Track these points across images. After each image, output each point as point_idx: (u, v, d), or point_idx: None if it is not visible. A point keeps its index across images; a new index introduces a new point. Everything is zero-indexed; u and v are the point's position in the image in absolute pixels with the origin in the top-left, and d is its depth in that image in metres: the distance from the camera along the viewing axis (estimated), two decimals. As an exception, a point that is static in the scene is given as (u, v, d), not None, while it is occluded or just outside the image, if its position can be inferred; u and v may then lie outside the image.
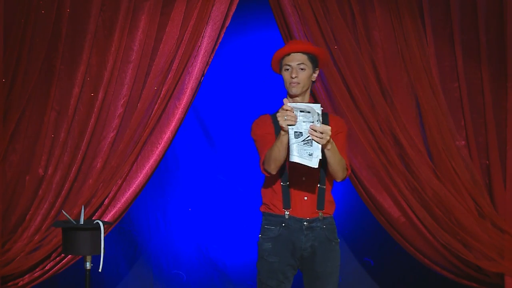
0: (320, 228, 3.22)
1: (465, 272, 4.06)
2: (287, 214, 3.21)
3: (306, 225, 3.20)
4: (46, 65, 3.85)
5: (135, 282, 4.76)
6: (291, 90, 3.23)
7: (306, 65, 3.21)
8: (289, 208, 3.21)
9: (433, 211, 3.99)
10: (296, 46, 3.24)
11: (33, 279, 3.87)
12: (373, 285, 4.84)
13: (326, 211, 3.25)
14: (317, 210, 3.22)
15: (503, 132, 4.06)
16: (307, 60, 3.21)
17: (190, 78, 3.97)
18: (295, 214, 3.21)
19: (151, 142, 3.97)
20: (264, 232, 3.27)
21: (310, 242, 3.21)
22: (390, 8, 4.04)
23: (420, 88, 4.03)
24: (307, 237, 3.20)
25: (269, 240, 3.24)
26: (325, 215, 3.24)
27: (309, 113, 2.96)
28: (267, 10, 4.15)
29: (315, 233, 3.21)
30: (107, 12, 3.90)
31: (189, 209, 4.90)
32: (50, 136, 3.86)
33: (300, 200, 3.21)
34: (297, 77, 3.20)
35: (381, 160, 3.99)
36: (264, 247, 3.25)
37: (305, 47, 3.25)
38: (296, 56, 3.21)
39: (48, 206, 3.85)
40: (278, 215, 3.23)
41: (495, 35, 4.07)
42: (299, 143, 2.98)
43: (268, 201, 3.27)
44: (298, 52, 3.21)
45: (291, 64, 3.21)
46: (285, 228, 3.21)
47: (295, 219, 3.20)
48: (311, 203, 3.21)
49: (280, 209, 3.22)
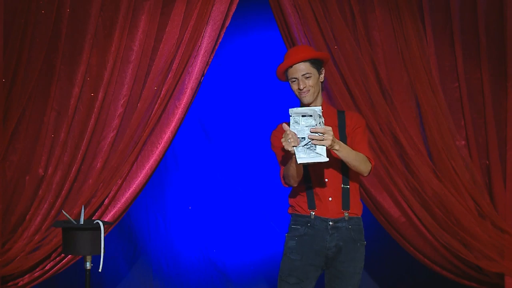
0: (345, 228, 3.23)
1: (465, 272, 4.06)
2: (312, 214, 3.22)
3: (331, 225, 3.21)
4: (46, 65, 3.85)
5: (135, 282, 4.77)
6: (303, 100, 3.24)
7: (311, 73, 3.20)
8: (314, 209, 3.22)
9: (433, 211, 3.99)
10: (296, 57, 3.21)
11: (33, 279, 3.87)
12: (373, 285, 4.85)
13: (352, 211, 3.25)
14: (342, 211, 3.23)
15: (503, 132, 4.06)
16: (310, 67, 3.20)
17: (190, 78, 3.97)
18: (321, 214, 3.22)
19: (151, 142, 3.96)
20: (291, 231, 3.29)
21: (335, 242, 3.22)
22: (390, 8, 4.04)
23: (420, 88, 4.03)
24: (332, 236, 3.21)
25: (293, 238, 3.26)
26: (351, 215, 3.25)
27: (310, 117, 2.97)
28: (267, 10, 4.15)
29: (340, 233, 3.22)
30: (107, 12, 3.90)
31: (189, 207, 4.90)
32: (50, 136, 3.86)
33: (325, 201, 3.22)
34: (305, 87, 3.20)
35: (381, 160, 3.99)
36: (289, 244, 3.27)
37: (305, 55, 3.22)
38: (299, 67, 3.20)
39: (48, 206, 3.85)
40: (304, 215, 3.25)
41: (495, 35, 4.07)
42: (303, 147, 2.99)
43: (294, 203, 3.30)
44: (300, 62, 3.21)
45: (296, 76, 3.20)
46: (311, 227, 3.22)
47: (321, 219, 3.22)
48: (336, 203, 3.22)
49: (305, 210, 3.24)
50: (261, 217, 4.88)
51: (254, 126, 4.87)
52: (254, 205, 4.87)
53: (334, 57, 3.99)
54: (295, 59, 3.20)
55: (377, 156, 3.99)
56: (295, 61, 3.20)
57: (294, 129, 3.00)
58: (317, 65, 3.23)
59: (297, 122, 3.00)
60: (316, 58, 3.23)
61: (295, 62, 3.20)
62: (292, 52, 3.27)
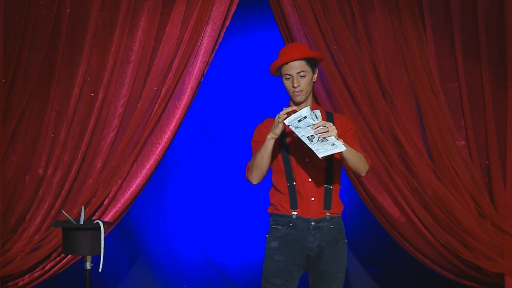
0: (327, 228, 3.23)
1: (465, 272, 4.06)
2: (294, 214, 3.22)
3: (313, 225, 3.21)
4: (46, 65, 3.85)
5: (135, 282, 4.76)
6: (295, 99, 3.25)
7: (306, 71, 3.21)
8: (296, 208, 3.22)
9: (433, 211, 3.99)
10: (293, 55, 3.21)
11: (33, 279, 3.87)
12: (373, 285, 4.84)
13: (333, 211, 3.25)
14: (324, 210, 3.23)
15: (503, 132, 4.06)
16: (305, 65, 3.21)
17: (190, 78, 3.97)
18: (302, 214, 3.22)
19: (151, 142, 3.97)
20: (272, 232, 3.28)
21: (317, 242, 3.22)
22: (390, 8, 4.04)
23: (420, 88, 4.03)
24: (314, 236, 3.21)
25: (276, 239, 3.25)
26: (332, 215, 3.25)
27: (306, 118, 3.03)
28: (267, 10, 4.15)
29: (322, 233, 3.22)
30: (107, 12, 3.90)
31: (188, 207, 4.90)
32: (50, 136, 3.86)
33: (307, 201, 3.22)
34: (300, 85, 3.20)
35: (381, 160, 3.99)
36: (271, 245, 3.25)
37: (302, 53, 3.23)
38: (295, 64, 3.20)
39: (48, 206, 3.85)
40: (285, 215, 3.24)
41: (495, 35, 4.07)
42: (317, 142, 3.02)
43: (275, 202, 3.29)
44: (296, 60, 3.21)
45: (291, 73, 3.21)
46: (293, 228, 3.22)
47: (303, 219, 3.22)
48: (318, 203, 3.23)
49: (287, 210, 3.23)
50: (261, 217, 4.87)
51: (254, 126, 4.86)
52: (254, 205, 4.86)
53: (334, 57, 3.99)
54: (292, 56, 3.20)
55: (377, 156, 4.00)
56: (292, 58, 3.20)
57: (299, 132, 3.04)
58: (312, 64, 3.24)
59: (298, 127, 3.04)
60: (312, 57, 3.24)
61: (292, 59, 3.20)
62: (289, 49, 3.27)
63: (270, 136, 3.12)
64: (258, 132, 3.34)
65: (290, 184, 3.23)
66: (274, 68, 3.28)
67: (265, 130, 3.26)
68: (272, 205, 3.32)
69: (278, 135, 3.12)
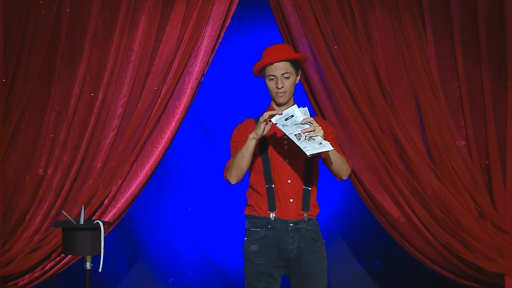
0: (305, 229, 3.23)
1: (465, 272, 4.06)
2: (272, 216, 3.21)
3: (292, 227, 3.21)
4: (46, 65, 3.85)
5: (135, 282, 4.76)
6: (278, 100, 3.26)
7: (289, 73, 3.22)
8: (275, 210, 3.21)
9: (433, 211, 3.99)
10: (277, 56, 3.22)
11: (33, 279, 3.87)
12: (373, 285, 4.85)
13: (310, 213, 3.26)
14: (302, 212, 3.23)
15: (503, 132, 4.06)
16: (290, 67, 3.22)
17: (190, 78, 3.97)
18: (281, 215, 3.21)
19: (151, 142, 3.96)
20: (250, 235, 3.26)
21: (296, 244, 3.21)
22: (390, 8, 4.04)
23: (420, 88, 4.03)
24: (293, 238, 3.20)
25: (255, 242, 3.23)
26: (310, 217, 3.25)
27: (293, 117, 3.05)
28: (267, 10, 4.15)
29: (300, 234, 3.22)
30: (107, 12, 3.90)
31: (189, 209, 4.90)
32: (50, 136, 3.86)
33: (286, 202, 3.21)
34: (283, 87, 3.21)
35: (381, 160, 3.99)
36: (251, 249, 3.24)
37: (287, 55, 3.23)
38: (279, 65, 3.21)
39: (48, 206, 3.85)
40: (263, 217, 3.23)
41: (495, 35, 4.07)
42: (304, 141, 3.02)
43: (253, 203, 3.27)
44: (281, 61, 3.21)
45: (275, 74, 3.21)
46: (271, 229, 3.21)
47: (281, 220, 3.21)
48: (296, 204, 3.22)
49: (265, 211, 3.23)
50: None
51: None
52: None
53: (334, 57, 3.99)
54: (276, 57, 3.21)
55: (377, 156, 4.00)
56: (276, 59, 3.21)
57: (287, 130, 3.05)
58: (296, 65, 3.24)
59: (285, 125, 3.06)
60: (295, 59, 3.24)
61: (276, 60, 3.21)
62: (273, 50, 3.27)
63: (252, 135, 3.12)
64: (237, 132, 3.34)
65: (268, 186, 3.23)
66: (257, 68, 3.29)
67: (244, 130, 3.28)
68: (249, 206, 3.31)
69: (260, 136, 3.12)
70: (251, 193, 3.31)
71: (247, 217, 3.31)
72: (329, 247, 4.85)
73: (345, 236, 4.87)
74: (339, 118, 4.03)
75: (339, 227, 4.90)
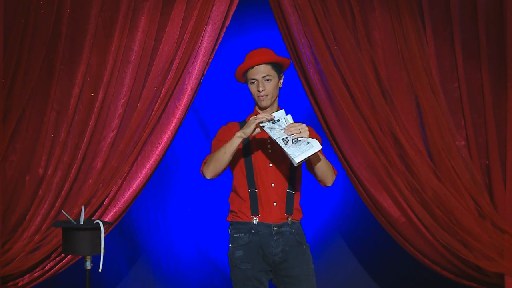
0: (289, 232, 3.24)
1: (465, 272, 4.06)
2: (255, 220, 3.21)
3: (275, 230, 3.21)
4: (46, 65, 3.85)
5: (135, 282, 4.77)
6: (261, 103, 3.27)
7: (271, 75, 3.22)
8: (258, 214, 3.21)
9: (433, 211, 3.99)
10: (258, 59, 3.21)
11: (33, 279, 3.87)
12: (373, 285, 4.85)
13: (294, 217, 3.26)
14: (285, 215, 3.23)
15: (503, 132, 4.06)
16: (271, 70, 3.22)
17: (190, 78, 3.97)
18: (264, 219, 3.22)
19: (151, 142, 3.97)
20: (234, 241, 3.27)
21: (280, 247, 3.21)
22: (390, 8, 4.04)
23: (420, 88, 4.03)
24: (277, 242, 3.21)
25: (239, 248, 3.23)
26: (293, 220, 3.25)
27: (279, 121, 3.07)
28: (267, 10, 4.15)
29: (285, 238, 3.22)
30: (107, 12, 3.90)
31: (189, 209, 4.90)
32: (50, 136, 3.86)
33: (269, 206, 3.22)
34: (265, 90, 3.21)
35: (381, 160, 3.99)
36: (236, 255, 3.24)
37: (267, 58, 3.23)
38: (260, 68, 3.21)
39: (48, 206, 3.85)
40: (246, 222, 3.24)
41: (495, 35, 4.07)
42: (292, 145, 3.03)
43: (236, 209, 3.28)
44: (261, 64, 3.20)
45: (256, 78, 3.22)
46: (255, 234, 3.21)
47: (264, 224, 3.21)
48: (279, 208, 3.23)
49: (248, 216, 3.23)
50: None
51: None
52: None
53: (334, 57, 3.99)
54: (257, 61, 3.21)
55: (377, 156, 3.99)
56: (257, 62, 3.21)
57: (274, 135, 3.06)
58: (277, 69, 3.25)
59: (272, 128, 3.07)
60: (277, 62, 3.24)
61: (257, 63, 3.21)
62: (254, 54, 3.28)
63: (239, 134, 3.11)
64: (222, 131, 3.35)
65: (251, 190, 3.23)
66: (239, 73, 3.30)
67: (228, 130, 3.30)
68: (231, 212, 3.31)
69: (247, 135, 3.12)
70: (233, 198, 3.32)
71: (230, 223, 3.32)
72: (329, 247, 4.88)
73: (345, 236, 4.87)
74: (339, 118, 4.03)
75: (339, 227, 4.90)
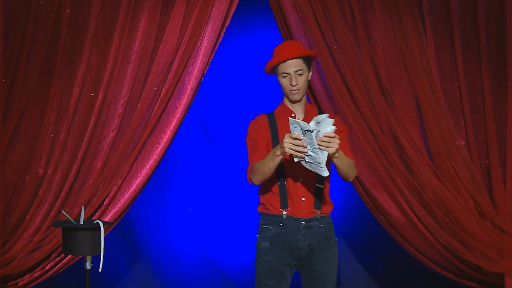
0: (317, 227, 3.23)
1: (465, 272, 4.06)
2: (284, 214, 3.22)
3: (303, 225, 3.21)
4: (46, 65, 3.85)
5: (135, 282, 4.77)
6: (292, 97, 3.26)
7: (303, 69, 3.22)
8: (287, 208, 3.22)
9: (433, 211, 3.99)
10: (291, 53, 3.21)
11: (33, 279, 3.87)
12: (373, 285, 4.85)
13: (323, 210, 3.26)
14: (314, 210, 3.23)
15: (503, 132, 4.06)
16: (302, 63, 3.22)
17: (190, 78, 3.97)
18: (293, 213, 3.22)
19: (151, 142, 3.97)
20: (262, 232, 3.28)
21: (307, 241, 3.22)
22: (390, 8, 4.04)
23: (420, 88, 4.03)
24: (304, 236, 3.21)
25: (266, 239, 3.25)
26: (322, 214, 3.25)
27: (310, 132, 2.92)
28: (267, 10, 4.15)
29: (312, 232, 3.22)
30: (107, 12, 3.90)
31: (189, 209, 4.90)
32: (50, 136, 3.86)
33: (298, 200, 3.22)
34: (298, 84, 3.21)
35: (381, 160, 3.99)
36: (262, 246, 3.26)
37: (300, 52, 3.23)
38: (292, 62, 3.21)
39: (48, 206, 3.85)
40: (275, 214, 3.24)
41: (495, 35, 4.07)
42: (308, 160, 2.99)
43: (265, 201, 3.29)
44: (294, 58, 3.21)
45: (289, 72, 3.21)
46: (283, 227, 3.22)
47: (293, 218, 3.22)
48: (308, 202, 3.23)
49: (277, 209, 3.24)
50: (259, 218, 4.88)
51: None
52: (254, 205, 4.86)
53: (334, 57, 3.99)
54: (290, 55, 3.21)
55: (377, 156, 4.00)
56: (290, 56, 3.21)
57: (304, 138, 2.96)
58: (308, 62, 3.25)
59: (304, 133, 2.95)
60: (308, 55, 3.24)
61: (290, 57, 3.20)
62: (286, 48, 3.27)
63: (279, 152, 3.04)
64: (252, 129, 3.32)
65: (281, 184, 3.23)
66: (270, 66, 3.28)
67: (259, 127, 3.27)
68: (262, 204, 3.32)
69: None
70: (263, 190, 3.32)
71: (260, 215, 3.32)
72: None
73: (345, 236, 4.87)
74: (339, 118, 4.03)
75: (339, 227, 4.89)
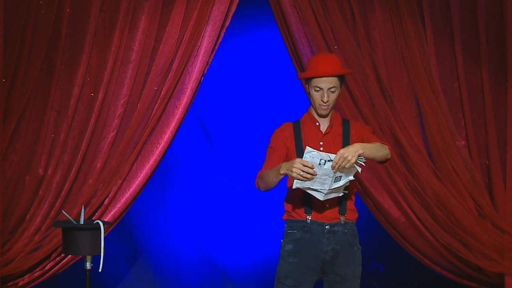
0: (341, 232, 3.23)
1: (465, 272, 4.06)
2: (308, 219, 3.22)
3: (328, 229, 3.21)
4: (46, 65, 3.85)
5: (135, 282, 4.77)
6: (321, 112, 3.24)
7: (336, 87, 3.20)
8: (311, 213, 3.22)
9: (433, 211, 3.99)
10: (329, 70, 3.17)
11: (33, 279, 3.87)
12: (373, 285, 4.85)
13: (347, 216, 3.25)
14: (338, 215, 3.23)
15: (503, 132, 4.06)
16: (337, 81, 3.20)
17: (190, 78, 3.97)
18: (317, 218, 3.22)
19: (151, 142, 3.97)
20: (287, 236, 3.28)
21: (331, 245, 3.21)
22: (390, 8, 4.04)
23: (420, 88, 4.03)
24: (328, 240, 3.21)
25: (291, 242, 3.25)
26: (347, 220, 3.25)
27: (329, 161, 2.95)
28: (267, 10, 4.15)
29: (336, 237, 3.22)
30: (107, 12, 3.90)
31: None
32: (50, 136, 3.86)
33: (322, 207, 3.22)
34: (329, 101, 3.19)
35: (381, 160, 3.99)
36: (286, 248, 3.26)
37: (337, 70, 3.20)
38: (328, 79, 3.18)
39: (48, 206, 3.85)
40: (300, 220, 3.24)
41: (495, 35, 4.07)
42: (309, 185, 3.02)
43: (290, 209, 3.29)
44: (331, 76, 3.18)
45: (322, 87, 3.19)
46: (307, 232, 3.22)
47: (317, 223, 3.22)
48: (332, 209, 3.23)
49: (301, 215, 3.24)
50: (261, 218, 4.88)
51: (254, 126, 4.87)
52: (254, 205, 4.87)
53: (334, 57, 3.99)
54: (327, 72, 3.17)
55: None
56: (327, 73, 3.17)
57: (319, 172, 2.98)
58: (342, 79, 3.24)
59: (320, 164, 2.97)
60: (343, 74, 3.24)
61: (327, 74, 3.17)
62: (324, 63, 3.22)
63: (283, 171, 3.04)
64: (274, 137, 3.30)
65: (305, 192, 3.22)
66: (304, 76, 3.27)
67: (280, 134, 3.26)
68: (286, 212, 3.32)
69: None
70: (288, 197, 3.31)
71: (285, 222, 3.32)
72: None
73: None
74: (339, 118, 4.03)
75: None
